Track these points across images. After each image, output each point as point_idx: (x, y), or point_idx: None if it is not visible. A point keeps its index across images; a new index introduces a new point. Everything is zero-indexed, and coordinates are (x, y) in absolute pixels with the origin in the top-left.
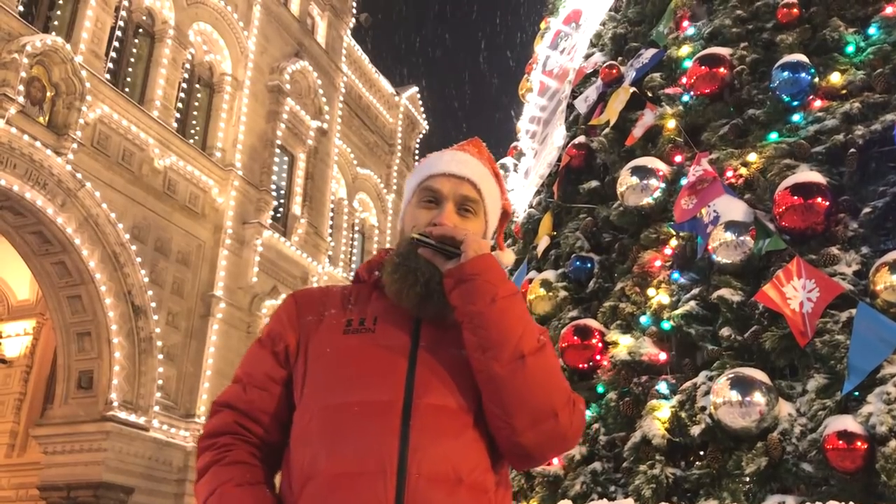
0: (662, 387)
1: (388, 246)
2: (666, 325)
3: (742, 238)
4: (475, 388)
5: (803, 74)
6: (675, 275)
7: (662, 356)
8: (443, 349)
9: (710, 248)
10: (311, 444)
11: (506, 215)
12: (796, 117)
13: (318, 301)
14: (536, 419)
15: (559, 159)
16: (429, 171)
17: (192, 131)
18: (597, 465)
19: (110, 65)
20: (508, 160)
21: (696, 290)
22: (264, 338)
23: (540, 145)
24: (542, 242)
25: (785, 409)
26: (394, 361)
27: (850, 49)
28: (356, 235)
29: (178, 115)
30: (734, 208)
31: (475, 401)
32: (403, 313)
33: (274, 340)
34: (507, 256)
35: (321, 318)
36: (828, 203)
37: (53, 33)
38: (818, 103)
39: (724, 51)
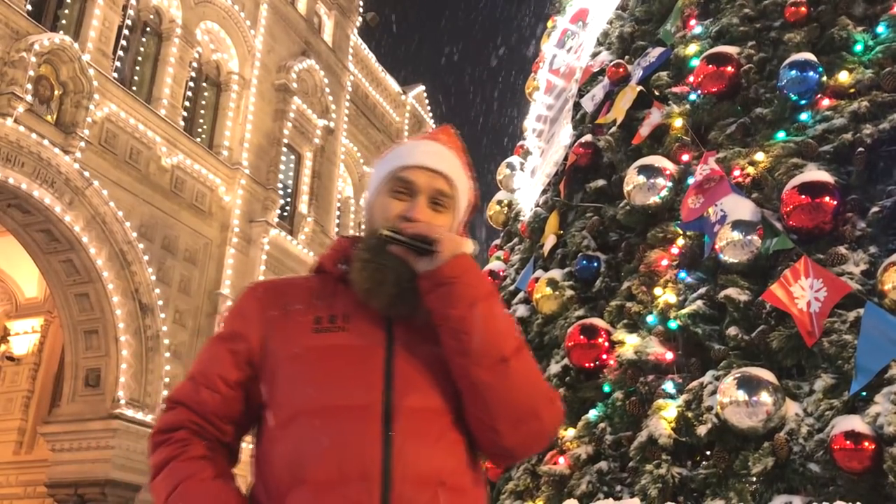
0: (669, 386)
1: (342, 236)
2: (672, 325)
3: (749, 237)
4: (453, 388)
5: (811, 73)
6: (682, 274)
7: (669, 355)
8: (418, 347)
9: (717, 247)
10: (290, 450)
11: (472, 206)
12: (804, 116)
13: (281, 294)
14: (519, 421)
15: (566, 158)
16: (403, 162)
17: (200, 130)
18: (603, 465)
19: (118, 63)
20: (515, 159)
21: (702, 290)
22: (224, 333)
23: (546, 144)
24: (549, 241)
25: (792, 408)
26: (370, 362)
27: (859, 48)
28: (362, 233)
29: (185, 114)
30: (741, 207)
31: (454, 400)
32: (374, 310)
33: (234, 338)
34: (469, 245)
35: (285, 312)
36: (836, 202)
37: (61, 32)
38: (826, 102)
39: (732, 49)
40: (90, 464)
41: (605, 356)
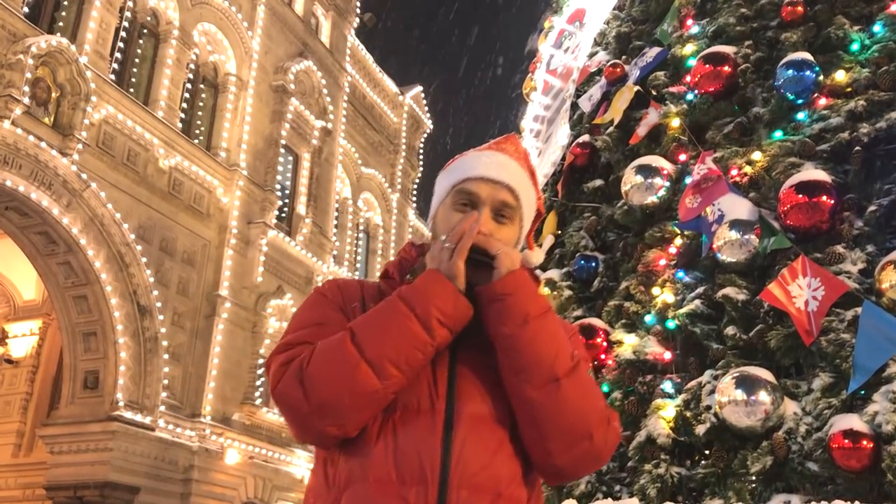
0: (667, 386)
1: (410, 243)
2: (671, 324)
3: (747, 236)
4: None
5: (808, 72)
6: (680, 273)
7: (667, 355)
8: (480, 359)
9: (714, 246)
10: (353, 444)
11: (538, 215)
12: (801, 115)
13: (358, 290)
14: (571, 442)
15: (563, 158)
16: (466, 174)
17: (197, 131)
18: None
19: (115, 65)
20: None
21: (700, 289)
22: (322, 296)
23: (544, 144)
24: (547, 241)
25: (790, 407)
26: (435, 367)
27: (855, 47)
28: (361, 235)
29: (182, 116)
30: (739, 207)
31: (511, 413)
32: None
33: (335, 303)
34: (537, 256)
35: (364, 307)
36: (833, 201)
37: (58, 34)
38: (823, 101)
39: (729, 49)
40: (89, 466)
41: (603, 356)
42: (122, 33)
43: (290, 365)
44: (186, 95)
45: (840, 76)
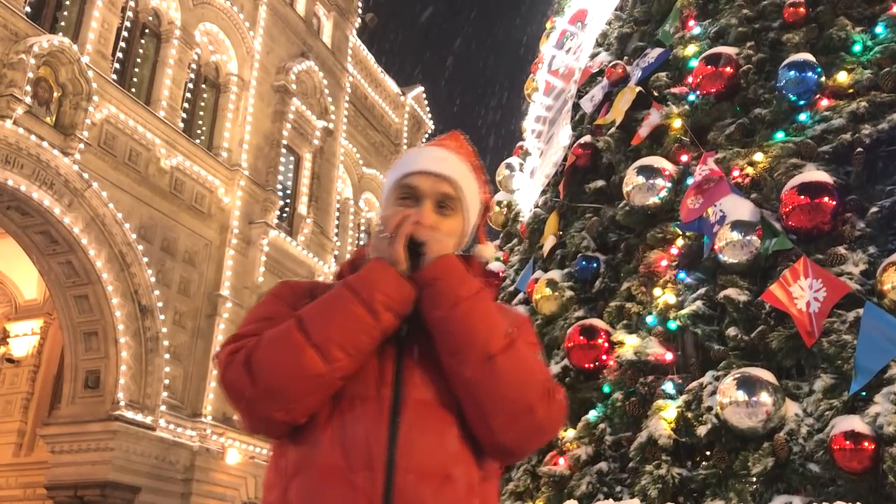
0: (668, 387)
1: (364, 245)
2: (672, 325)
3: (748, 237)
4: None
5: (810, 74)
6: (682, 274)
7: (668, 356)
8: (424, 346)
9: (716, 247)
10: (301, 433)
11: (486, 208)
12: (803, 116)
13: (308, 289)
14: (513, 418)
15: (565, 159)
16: (407, 168)
17: (199, 131)
18: (603, 465)
19: (117, 65)
20: (514, 159)
21: (702, 290)
22: (273, 296)
23: (545, 145)
24: (548, 242)
25: (791, 409)
26: (382, 357)
27: (857, 48)
28: (362, 235)
29: (184, 116)
30: (740, 208)
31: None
32: None
33: (286, 301)
34: (489, 250)
35: None
36: (835, 202)
37: (60, 34)
38: (825, 102)
39: (731, 50)
40: (90, 465)
41: (604, 357)
42: (124, 33)
43: (238, 353)
44: (188, 95)
45: (842, 77)
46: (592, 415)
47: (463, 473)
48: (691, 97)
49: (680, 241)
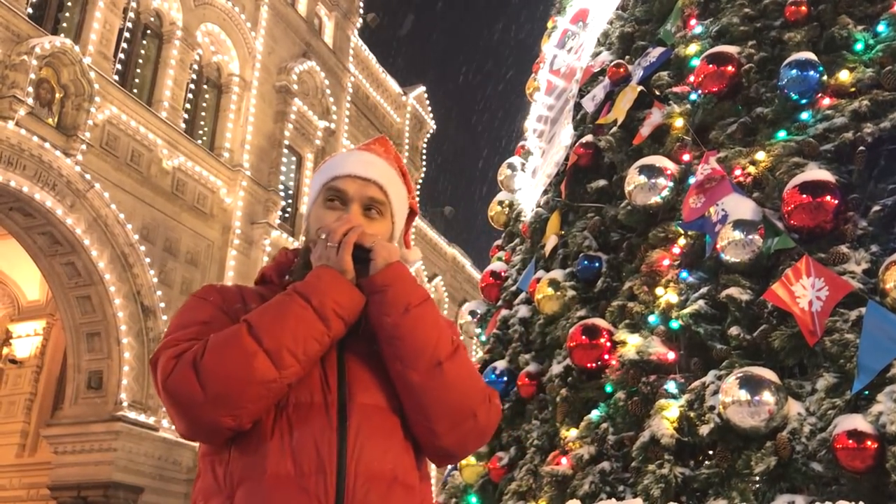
0: (671, 386)
1: (286, 248)
2: (674, 325)
3: (751, 237)
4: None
5: (812, 72)
6: (684, 274)
7: (671, 355)
8: (365, 348)
9: (718, 246)
10: (245, 441)
11: (412, 214)
12: (805, 115)
13: (237, 294)
14: (456, 422)
15: (566, 158)
16: (334, 172)
17: (201, 132)
18: (605, 465)
19: (119, 66)
20: (515, 159)
21: (704, 289)
22: (201, 299)
23: (547, 144)
24: (550, 242)
25: (794, 408)
26: (324, 361)
27: (859, 46)
28: None
29: (186, 116)
30: (743, 207)
31: (400, 402)
32: None
33: (215, 304)
34: (414, 254)
35: (246, 309)
36: (837, 201)
37: (62, 35)
38: (827, 101)
39: (732, 49)
40: (93, 466)
41: (606, 356)
42: (126, 34)
43: (182, 357)
44: (190, 96)
45: (844, 76)
46: (595, 414)
47: (407, 476)
48: (693, 96)
49: (682, 241)
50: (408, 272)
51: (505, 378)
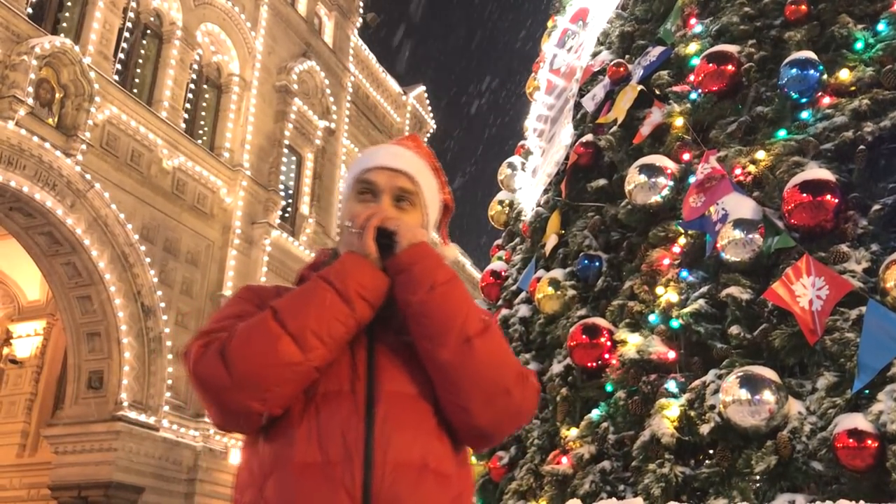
0: (671, 385)
1: (324, 248)
2: (675, 324)
3: (751, 236)
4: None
5: (812, 71)
6: (684, 273)
7: (671, 354)
8: (396, 338)
9: (718, 246)
10: (275, 431)
11: (447, 209)
12: (805, 114)
13: (274, 291)
14: (489, 399)
15: (567, 158)
16: (364, 165)
17: (201, 132)
18: (606, 464)
19: (119, 66)
20: (516, 159)
21: (704, 289)
22: (238, 298)
23: (547, 144)
24: (550, 241)
25: (794, 407)
26: (354, 351)
27: (859, 45)
28: None
29: (186, 116)
30: (743, 206)
31: (432, 387)
32: None
33: (252, 302)
34: (451, 251)
35: None
36: (837, 200)
37: (62, 35)
38: (827, 100)
39: (732, 48)
40: (93, 466)
41: (607, 356)
42: (126, 34)
43: (211, 345)
44: (190, 96)
45: (844, 75)
46: (595, 413)
47: (440, 463)
48: (693, 95)
49: (682, 240)
50: (433, 251)
51: None
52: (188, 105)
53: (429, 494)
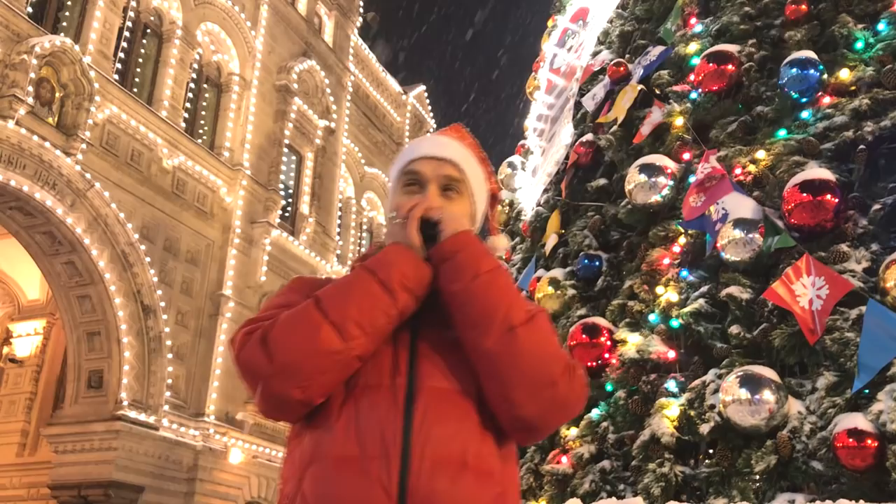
0: (671, 385)
1: (375, 242)
2: (675, 323)
3: (751, 235)
4: (474, 370)
5: (812, 71)
6: (684, 272)
7: (671, 354)
8: (439, 334)
9: (718, 245)
10: (315, 422)
11: (494, 199)
12: (805, 114)
13: (323, 282)
14: (535, 390)
15: (567, 157)
16: (410, 156)
17: (201, 131)
18: (606, 464)
19: (119, 65)
20: (516, 158)
21: (704, 288)
22: (278, 302)
23: (548, 143)
24: (551, 241)
25: (794, 406)
26: (396, 346)
27: (859, 45)
28: (364, 234)
29: (186, 115)
30: (743, 206)
31: (476, 383)
32: None
33: (300, 292)
34: (501, 241)
35: None
36: (837, 200)
37: (62, 34)
38: (827, 100)
39: (733, 48)
40: (93, 465)
41: (607, 355)
42: (126, 33)
43: (254, 333)
44: (190, 95)
45: (844, 74)
46: (595, 413)
47: (482, 461)
48: (693, 95)
49: (682, 240)
50: (477, 240)
51: None
52: (188, 104)
53: (467, 491)
